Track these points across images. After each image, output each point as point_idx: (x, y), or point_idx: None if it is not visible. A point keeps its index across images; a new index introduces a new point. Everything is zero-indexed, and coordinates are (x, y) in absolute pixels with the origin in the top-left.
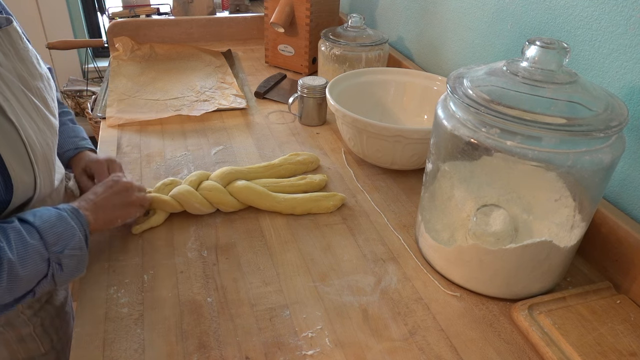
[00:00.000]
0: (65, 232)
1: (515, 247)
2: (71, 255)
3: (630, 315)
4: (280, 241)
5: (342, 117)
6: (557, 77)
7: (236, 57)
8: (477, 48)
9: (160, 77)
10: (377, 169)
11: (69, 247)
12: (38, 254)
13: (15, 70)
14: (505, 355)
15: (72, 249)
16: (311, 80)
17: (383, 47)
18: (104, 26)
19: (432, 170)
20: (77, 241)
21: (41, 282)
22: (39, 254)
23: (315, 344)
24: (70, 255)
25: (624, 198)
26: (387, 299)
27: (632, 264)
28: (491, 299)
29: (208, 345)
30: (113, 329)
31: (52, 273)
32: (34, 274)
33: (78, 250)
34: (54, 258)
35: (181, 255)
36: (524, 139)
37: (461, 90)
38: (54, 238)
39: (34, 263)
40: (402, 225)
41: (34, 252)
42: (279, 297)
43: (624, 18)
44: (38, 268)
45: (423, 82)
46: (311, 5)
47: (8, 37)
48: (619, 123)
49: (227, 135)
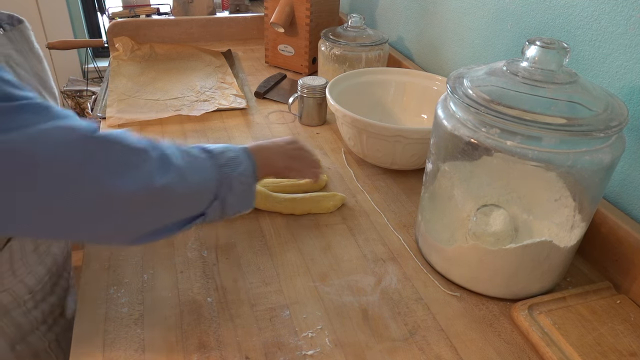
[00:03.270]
0: (234, 159)
1: (515, 247)
2: (240, 179)
3: (631, 315)
4: (280, 241)
5: (342, 117)
6: (557, 77)
7: (236, 57)
8: (477, 48)
9: (160, 77)
10: (377, 169)
11: (237, 171)
12: (207, 168)
13: (32, 69)
14: (505, 355)
15: (241, 174)
16: (311, 80)
17: (383, 47)
18: (104, 26)
19: (432, 170)
20: (245, 168)
21: (213, 203)
22: (208, 168)
23: (315, 344)
24: (240, 179)
25: (624, 198)
26: (387, 299)
27: (632, 264)
28: (491, 299)
29: (208, 345)
30: (113, 328)
31: (223, 195)
32: (205, 186)
33: (246, 178)
34: (225, 178)
35: (181, 255)
36: (524, 139)
37: (461, 90)
38: (224, 160)
39: (203, 174)
40: (402, 225)
41: (202, 165)
42: (279, 297)
43: (624, 18)
44: (208, 182)
45: (423, 82)
46: (311, 5)
47: (22, 35)
48: (619, 123)
49: (227, 135)
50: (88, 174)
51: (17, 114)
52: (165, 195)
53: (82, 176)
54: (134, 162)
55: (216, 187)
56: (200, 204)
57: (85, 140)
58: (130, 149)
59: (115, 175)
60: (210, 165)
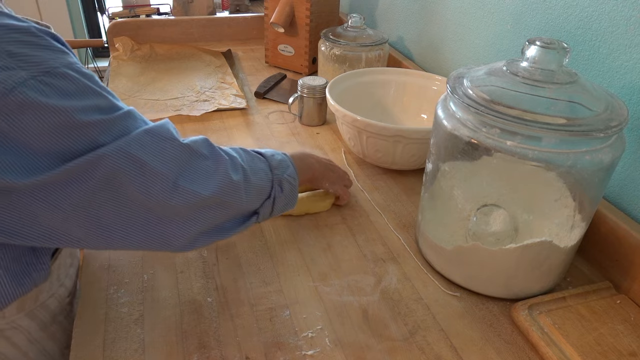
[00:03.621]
0: (283, 161)
1: (515, 247)
2: (289, 180)
3: (631, 315)
4: (280, 241)
5: (342, 117)
6: (557, 77)
7: (236, 57)
8: (477, 48)
9: (160, 77)
10: (377, 169)
11: (286, 173)
12: (263, 171)
13: None
14: (505, 355)
15: (289, 175)
16: (311, 80)
17: (383, 47)
18: (104, 26)
19: (432, 170)
20: (292, 172)
21: (265, 202)
22: (264, 171)
23: (316, 344)
24: (288, 181)
25: (624, 198)
26: (387, 299)
27: (632, 263)
28: (491, 299)
29: (208, 345)
30: (113, 329)
31: (274, 195)
32: (262, 186)
33: (292, 179)
34: (276, 180)
35: (181, 255)
36: (524, 139)
37: (461, 90)
38: (275, 162)
39: (261, 175)
40: (402, 225)
41: (261, 168)
42: (279, 297)
43: (624, 18)
44: (264, 183)
45: (423, 82)
46: (311, 5)
47: None
48: (619, 123)
49: (227, 135)
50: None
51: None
52: (235, 192)
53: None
54: (212, 167)
55: (270, 187)
56: (256, 202)
57: (181, 147)
58: (210, 155)
59: (197, 180)
60: (265, 167)
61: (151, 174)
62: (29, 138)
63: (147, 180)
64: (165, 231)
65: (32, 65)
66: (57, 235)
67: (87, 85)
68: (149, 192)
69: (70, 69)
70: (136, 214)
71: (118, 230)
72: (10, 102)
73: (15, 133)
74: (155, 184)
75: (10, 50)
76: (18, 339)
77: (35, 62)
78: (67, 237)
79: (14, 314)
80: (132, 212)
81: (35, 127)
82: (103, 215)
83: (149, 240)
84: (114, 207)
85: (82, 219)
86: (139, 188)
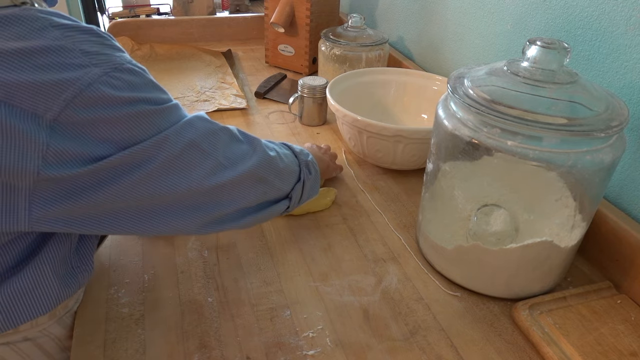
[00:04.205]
0: (304, 150)
1: (515, 247)
2: (313, 164)
3: (631, 315)
4: (281, 241)
5: (342, 117)
6: (557, 77)
7: (236, 57)
8: (477, 48)
9: (160, 77)
10: (378, 169)
11: (310, 157)
12: (290, 155)
13: None
14: (506, 355)
15: (312, 160)
16: (311, 80)
17: (383, 47)
18: (104, 26)
19: (432, 170)
20: (312, 158)
21: (295, 186)
22: (291, 155)
23: (316, 344)
24: (313, 165)
25: (624, 198)
26: (387, 298)
27: (632, 263)
28: (492, 299)
29: (209, 345)
30: (114, 329)
31: (303, 177)
32: (292, 168)
33: (315, 164)
34: (303, 163)
35: (182, 255)
36: (525, 139)
37: (462, 90)
38: (297, 150)
39: (290, 159)
40: (402, 225)
41: (287, 152)
42: (279, 297)
43: (624, 18)
44: (293, 165)
45: (423, 82)
46: (311, 5)
47: None
48: (620, 123)
49: None
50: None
51: (175, 110)
52: (273, 168)
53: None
54: (250, 149)
55: (299, 169)
56: (289, 184)
57: (223, 130)
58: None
59: (239, 160)
60: (290, 152)
61: (203, 155)
62: (101, 130)
63: (202, 161)
64: (214, 211)
65: (104, 62)
66: (118, 221)
67: (149, 78)
68: (203, 171)
69: (132, 65)
70: (191, 196)
71: (173, 213)
72: (86, 97)
73: (89, 127)
74: (206, 164)
75: (84, 49)
76: (50, 347)
77: (105, 60)
78: (125, 222)
79: (45, 321)
80: (188, 194)
81: (108, 119)
82: (162, 199)
83: (199, 221)
84: (172, 190)
85: (144, 202)
86: (195, 168)
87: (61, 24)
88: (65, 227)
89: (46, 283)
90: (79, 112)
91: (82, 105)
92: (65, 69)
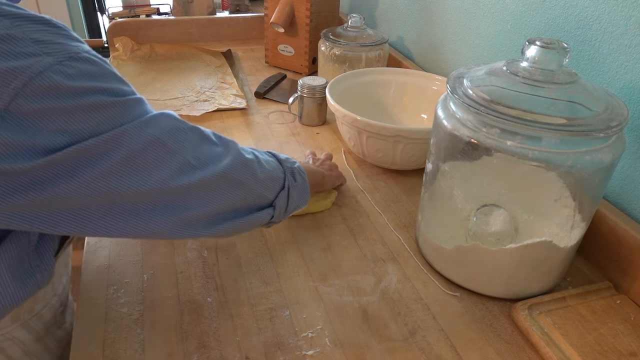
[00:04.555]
0: (289, 158)
1: (515, 247)
2: (299, 171)
3: (631, 315)
4: (280, 241)
5: (342, 117)
6: (557, 77)
7: (236, 57)
8: (477, 48)
9: (160, 77)
10: (377, 169)
11: (295, 165)
12: (273, 161)
13: None
14: (505, 355)
15: (299, 168)
16: (311, 80)
17: (383, 47)
18: (104, 26)
19: (432, 170)
20: (300, 166)
21: (279, 194)
22: (274, 162)
23: (316, 344)
24: (299, 171)
25: (624, 198)
26: (387, 299)
27: (632, 263)
28: (491, 299)
29: (208, 345)
30: (113, 328)
31: (288, 185)
32: (274, 174)
33: (303, 172)
34: (288, 170)
35: (181, 255)
36: (524, 139)
37: (461, 90)
38: (282, 157)
39: (271, 165)
40: (402, 225)
41: (268, 158)
42: (279, 297)
43: (624, 18)
44: (276, 171)
45: (423, 82)
46: (311, 5)
47: None
48: (619, 123)
49: (227, 135)
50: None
51: (138, 104)
52: (248, 170)
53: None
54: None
55: (283, 176)
56: (271, 191)
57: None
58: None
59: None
60: (273, 159)
61: (169, 153)
62: (55, 121)
63: (166, 160)
64: (183, 214)
65: (57, 51)
66: (77, 220)
67: (109, 69)
68: (168, 171)
69: (90, 54)
70: (156, 196)
71: (138, 214)
72: (37, 85)
73: (42, 117)
74: (172, 163)
75: (35, 38)
76: (13, 351)
77: (59, 49)
78: (84, 222)
79: (8, 324)
80: (152, 194)
81: (61, 109)
82: (123, 198)
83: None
84: (133, 188)
85: (103, 200)
86: (158, 167)
87: (11, 12)
88: (19, 224)
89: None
90: (30, 101)
91: (33, 94)
92: (14, 57)
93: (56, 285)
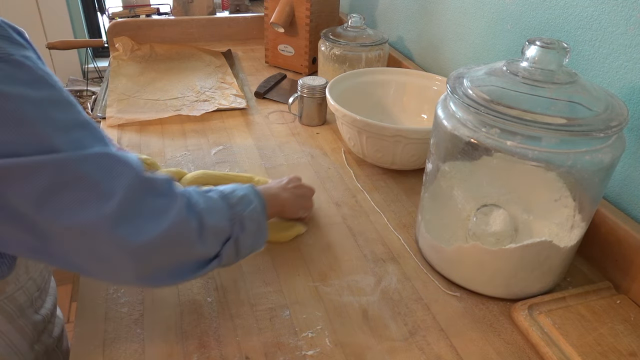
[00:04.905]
0: (245, 197)
1: (515, 247)
2: (251, 217)
3: (630, 315)
4: (280, 241)
5: (342, 117)
6: (557, 77)
7: (236, 57)
8: (477, 48)
9: (160, 77)
10: (377, 169)
11: (248, 209)
12: (222, 209)
13: None
14: (505, 355)
15: (252, 211)
16: (311, 80)
17: (383, 47)
18: (104, 26)
19: (432, 170)
20: (255, 207)
21: (226, 244)
22: (222, 209)
23: (315, 344)
24: (250, 218)
25: (624, 198)
26: (387, 299)
27: (632, 264)
28: (491, 299)
29: (208, 345)
30: (113, 328)
31: (235, 235)
32: (220, 227)
33: (257, 215)
34: (237, 218)
35: None
36: (524, 139)
37: (461, 90)
38: (235, 199)
39: (218, 215)
40: (402, 225)
41: (218, 206)
42: (278, 297)
43: (624, 18)
44: (223, 223)
45: (423, 82)
46: (311, 5)
47: None
48: (619, 123)
49: (227, 135)
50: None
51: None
52: (186, 236)
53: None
54: (165, 207)
55: (230, 227)
56: (215, 245)
57: (139, 179)
58: (164, 194)
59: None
60: (223, 206)
61: (100, 197)
62: None
63: (94, 205)
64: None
65: None
66: None
67: (42, 76)
68: (95, 216)
69: (27, 60)
70: (76, 238)
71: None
72: None
73: None
74: (101, 210)
75: None
76: None
77: None
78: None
79: None
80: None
81: None
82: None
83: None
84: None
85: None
86: (83, 211)
87: None
88: None
89: None
90: None
91: None
92: None
93: (31, 269)
